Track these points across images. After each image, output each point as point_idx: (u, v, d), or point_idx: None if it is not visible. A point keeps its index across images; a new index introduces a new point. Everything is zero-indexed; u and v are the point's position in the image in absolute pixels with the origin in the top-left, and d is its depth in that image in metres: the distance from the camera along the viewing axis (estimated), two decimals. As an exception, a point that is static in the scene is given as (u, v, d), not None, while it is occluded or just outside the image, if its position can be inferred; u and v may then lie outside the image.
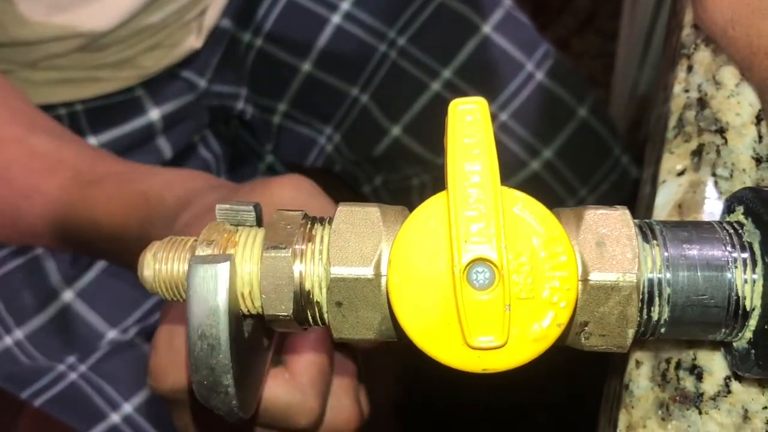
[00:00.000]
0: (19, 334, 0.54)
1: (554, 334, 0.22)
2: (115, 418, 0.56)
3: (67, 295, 0.55)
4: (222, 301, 0.23)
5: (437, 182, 0.68)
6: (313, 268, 0.24)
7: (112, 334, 0.56)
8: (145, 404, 0.56)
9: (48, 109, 0.54)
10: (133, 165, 0.45)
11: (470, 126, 0.23)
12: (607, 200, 0.66)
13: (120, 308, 0.56)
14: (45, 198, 0.44)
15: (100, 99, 0.55)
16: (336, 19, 0.63)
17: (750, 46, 0.29)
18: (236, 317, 0.24)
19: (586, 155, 0.65)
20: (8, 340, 0.55)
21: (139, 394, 0.56)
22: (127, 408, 0.56)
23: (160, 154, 0.58)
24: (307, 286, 0.24)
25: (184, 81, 0.59)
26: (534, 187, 0.64)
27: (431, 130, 0.64)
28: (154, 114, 0.57)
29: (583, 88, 0.66)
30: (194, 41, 0.56)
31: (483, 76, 0.63)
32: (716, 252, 0.23)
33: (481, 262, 0.22)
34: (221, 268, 0.23)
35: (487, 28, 0.63)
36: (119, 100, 0.56)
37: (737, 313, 0.23)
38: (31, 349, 0.55)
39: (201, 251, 0.24)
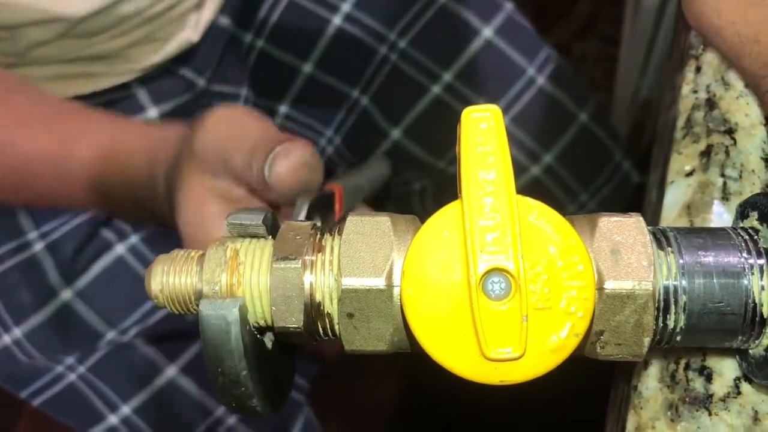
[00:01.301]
0: (17, 332, 0.54)
1: (572, 344, 0.21)
2: (113, 419, 0.56)
3: (66, 295, 0.54)
4: (237, 344, 0.23)
5: (438, 187, 0.67)
6: (323, 279, 0.24)
7: (111, 335, 0.55)
8: (143, 406, 0.56)
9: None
10: (101, 118, 0.46)
11: (484, 134, 0.22)
12: (608, 206, 0.66)
13: (119, 309, 0.55)
14: (15, 150, 0.44)
15: (97, 96, 0.54)
16: (337, 20, 0.63)
17: (738, 35, 0.29)
18: (254, 342, 0.24)
19: (586, 160, 0.65)
20: (7, 339, 0.54)
21: (138, 396, 0.56)
22: (126, 410, 0.56)
23: None
24: (318, 297, 0.24)
25: (182, 79, 0.58)
26: (534, 192, 0.63)
27: (432, 133, 0.63)
28: (153, 112, 0.57)
29: (584, 92, 0.66)
30: (191, 35, 0.56)
31: (484, 80, 0.63)
32: (732, 259, 0.23)
33: (498, 272, 0.21)
34: (231, 315, 0.23)
35: (488, 32, 0.62)
36: (116, 98, 0.55)
37: (754, 321, 0.23)
38: (30, 348, 0.54)
39: (207, 286, 0.24)
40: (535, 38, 0.65)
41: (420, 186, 0.69)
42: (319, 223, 0.26)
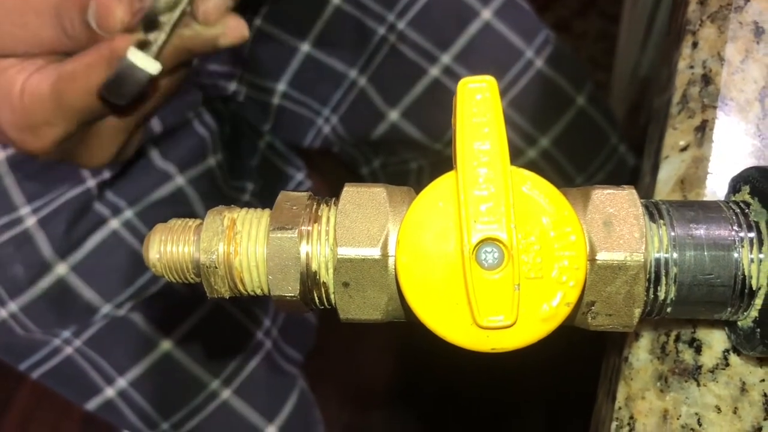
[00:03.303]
0: (13, 306, 0.54)
1: (563, 313, 0.22)
2: (110, 392, 0.57)
3: (61, 269, 0.55)
4: None
5: (435, 167, 0.67)
6: (319, 248, 0.24)
7: (106, 309, 0.56)
8: (139, 379, 0.56)
9: None
10: None
11: (480, 105, 0.22)
12: (604, 189, 0.66)
13: (115, 283, 0.56)
14: None
15: None
16: (336, 0, 0.62)
17: None
18: None
19: (582, 144, 0.65)
20: (3, 312, 0.54)
21: (134, 369, 0.56)
22: (122, 382, 0.56)
23: (148, 129, 0.57)
24: (314, 266, 0.24)
25: None
26: (530, 176, 0.64)
27: (429, 115, 0.63)
28: None
29: (581, 75, 0.66)
30: None
31: (482, 63, 0.62)
32: (723, 231, 0.23)
33: (491, 242, 0.22)
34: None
35: (487, 14, 0.62)
36: None
37: (743, 293, 0.23)
38: (27, 321, 0.55)
39: (205, 255, 0.24)
40: (534, 20, 0.64)
41: (417, 166, 0.69)
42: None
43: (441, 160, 0.65)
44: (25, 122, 0.40)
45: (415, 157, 0.67)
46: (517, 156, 0.64)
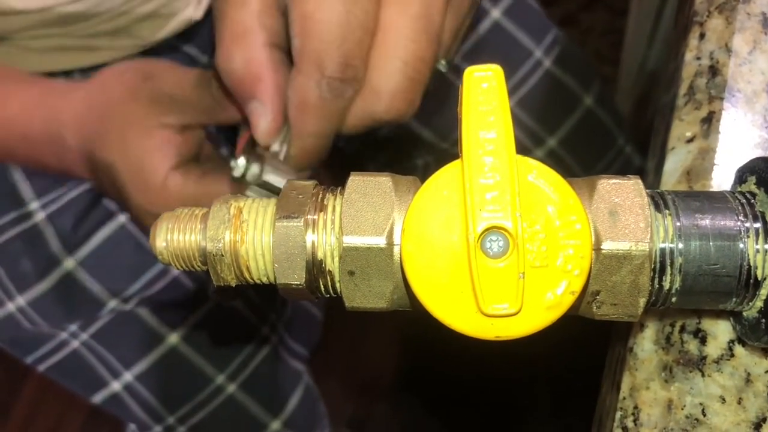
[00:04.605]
0: (21, 300, 0.55)
1: (567, 302, 0.22)
2: (116, 385, 0.57)
3: (69, 264, 0.55)
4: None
5: (441, 164, 0.67)
6: (325, 237, 0.24)
7: (113, 303, 0.56)
8: (145, 373, 0.57)
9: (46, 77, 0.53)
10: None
11: (485, 93, 0.22)
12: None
13: (122, 278, 0.56)
14: None
15: (98, 68, 0.54)
16: None
17: None
18: None
19: (589, 144, 0.65)
20: (11, 306, 0.55)
21: (140, 363, 0.57)
22: (128, 376, 0.57)
23: None
24: (320, 255, 0.24)
25: (185, 56, 0.58)
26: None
27: (437, 114, 0.63)
28: None
29: (589, 75, 0.65)
30: (193, 12, 0.55)
31: (490, 62, 0.62)
32: (728, 222, 0.23)
33: (496, 231, 0.22)
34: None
35: (496, 13, 0.62)
36: None
37: (748, 283, 0.23)
38: (34, 315, 0.55)
39: (211, 243, 0.24)
40: (543, 19, 0.64)
41: (423, 162, 0.69)
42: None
43: (448, 158, 0.65)
44: (155, 211, 0.41)
45: (422, 154, 0.68)
46: (523, 155, 0.64)
